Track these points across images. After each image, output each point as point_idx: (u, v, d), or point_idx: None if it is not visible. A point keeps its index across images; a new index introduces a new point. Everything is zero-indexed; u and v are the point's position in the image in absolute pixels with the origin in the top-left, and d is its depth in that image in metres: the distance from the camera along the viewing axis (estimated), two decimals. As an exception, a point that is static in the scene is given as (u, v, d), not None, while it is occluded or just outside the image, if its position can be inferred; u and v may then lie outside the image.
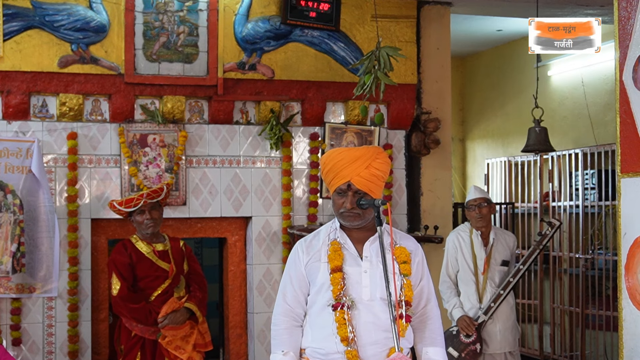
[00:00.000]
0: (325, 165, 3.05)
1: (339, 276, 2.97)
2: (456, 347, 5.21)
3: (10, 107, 5.53)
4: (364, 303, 2.96)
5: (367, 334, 2.93)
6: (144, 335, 4.97)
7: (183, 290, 5.11)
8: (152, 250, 5.07)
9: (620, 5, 3.74)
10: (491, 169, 9.11)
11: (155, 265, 5.03)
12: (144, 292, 5.00)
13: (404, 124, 6.42)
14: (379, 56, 5.28)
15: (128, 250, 5.03)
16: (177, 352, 4.94)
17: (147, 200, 5.00)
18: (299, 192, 6.17)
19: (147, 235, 5.09)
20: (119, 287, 4.93)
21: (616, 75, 3.74)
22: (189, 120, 5.95)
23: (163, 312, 4.91)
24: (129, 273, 4.97)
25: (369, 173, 2.98)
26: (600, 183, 7.39)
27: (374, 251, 3.02)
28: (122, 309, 4.95)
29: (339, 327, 2.92)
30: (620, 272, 3.69)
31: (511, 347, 5.32)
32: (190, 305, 5.02)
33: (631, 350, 3.65)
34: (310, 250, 3.07)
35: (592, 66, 7.87)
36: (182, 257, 5.17)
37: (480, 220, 5.32)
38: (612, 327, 7.10)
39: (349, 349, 2.91)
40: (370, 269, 2.99)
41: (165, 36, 5.80)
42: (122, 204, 5.03)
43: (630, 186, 3.66)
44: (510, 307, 5.33)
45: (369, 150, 3.03)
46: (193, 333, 5.04)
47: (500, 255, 5.37)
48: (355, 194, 2.98)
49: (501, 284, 5.29)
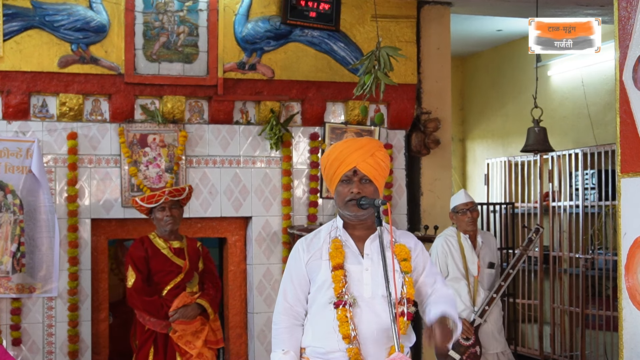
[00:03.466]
0: (329, 156, 3.05)
1: (341, 274, 2.97)
2: (457, 350, 5.22)
3: (10, 107, 5.53)
4: (366, 301, 2.95)
5: (368, 332, 2.93)
6: (156, 329, 5.03)
7: (196, 286, 5.16)
8: (168, 246, 5.15)
9: (620, 5, 3.73)
10: (491, 169, 9.11)
11: (169, 260, 5.11)
12: (158, 287, 5.07)
13: (404, 124, 6.42)
14: (379, 56, 5.28)
15: (145, 245, 5.14)
16: (187, 347, 5.00)
17: (168, 197, 5.08)
18: (299, 192, 6.17)
19: (166, 233, 5.17)
20: (133, 279, 5.03)
21: (616, 75, 3.74)
22: (189, 120, 5.95)
23: (174, 306, 4.97)
24: (144, 266, 5.07)
25: (373, 161, 3.01)
26: (600, 183, 7.39)
27: (375, 249, 3.02)
28: (135, 300, 5.03)
29: (341, 324, 2.92)
30: (620, 272, 3.69)
31: (502, 348, 5.41)
32: (202, 302, 5.07)
33: (631, 350, 3.65)
34: (311, 249, 3.06)
35: (592, 66, 7.88)
36: (198, 256, 5.25)
37: (471, 224, 5.38)
38: (612, 327, 7.10)
39: (351, 347, 2.90)
40: (372, 266, 2.99)
41: (165, 36, 5.80)
42: (144, 199, 5.11)
43: (630, 186, 3.66)
44: (499, 308, 5.42)
45: (372, 141, 3.09)
46: (204, 329, 5.08)
47: (487, 258, 5.44)
48: (361, 181, 2.99)
49: (489, 286, 5.35)
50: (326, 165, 3.07)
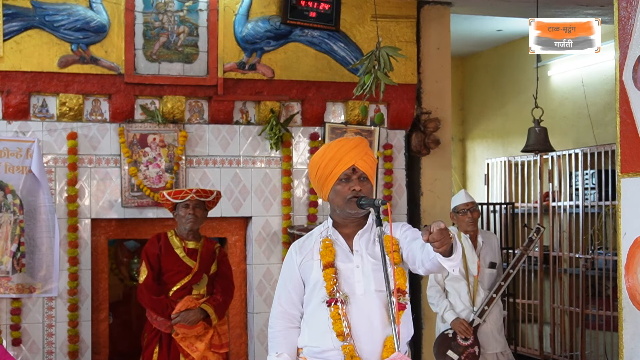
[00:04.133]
0: (323, 156, 3.06)
1: (332, 272, 2.99)
2: (455, 350, 5.22)
3: (10, 107, 5.53)
4: (358, 297, 2.97)
5: (362, 328, 2.94)
6: (160, 329, 5.02)
7: (204, 288, 5.11)
8: (182, 246, 5.13)
9: (620, 5, 3.73)
10: (491, 169, 9.10)
11: (180, 260, 5.09)
12: (166, 286, 5.06)
13: (404, 124, 6.42)
14: (379, 56, 5.28)
15: (160, 242, 5.12)
16: (189, 349, 4.99)
17: (194, 196, 5.06)
18: (299, 192, 6.17)
19: (184, 231, 5.14)
20: (145, 275, 5.03)
21: (616, 75, 3.74)
22: (189, 120, 5.95)
23: (177, 308, 4.96)
24: (157, 264, 5.07)
25: (368, 158, 3.07)
26: (600, 183, 7.39)
27: (364, 244, 3.04)
28: (144, 296, 5.02)
29: (334, 322, 2.93)
30: (620, 272, 3.69)
31: (502, 348, 5.39)
32: (206, 307, 5.03)
33: (631, 350, 3.65)
34: (303, 250, 3.10)
35: (592, 66, 7.87)
36: (212, 258, 5.19)
37: (471, 224, 5.37)
38: (612, 327, 7.10)
39: (345, 344, 2.91)
40: (362, 262, 3.01)
41: (165, 36, 5.80)
42: (170, 193, 5.09)
43: (630, 186, 3.66)
44: (499, 308, 5.41)
45: (363, 140, 3.14)
46: (207, 333, 5.05)
47: (488, 258, 5.42)
48: (360, 179, 3.02)
49: (490, 286, 5.34)
50: (320, 165, 3.06)
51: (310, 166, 3.16)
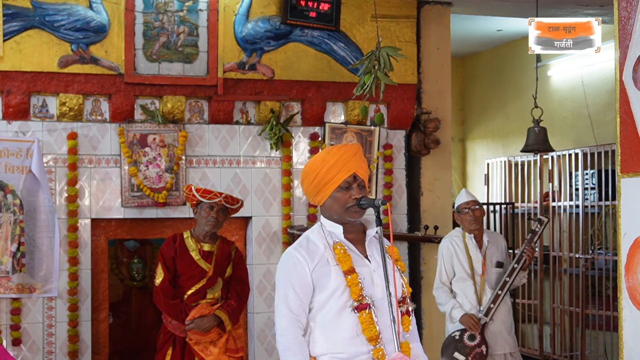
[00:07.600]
0: (325, 163, 3.02)
1: (356, 277, 2.95)
2: (462, 352, 5.19)
3: (10, 107, 5.53)
4: (379, 301, 2.95)
5: (387, 331, 2.92)
6: (175, 332, 4.97)
7: (219, 292, 5.03)
8: (198, 248, 5.03)
9: (620, 5, 3.73)
10: (491, 169, 9.11)
11: (195, 263, 4.99)
12: (181, 289, 4.98)
13: (404, 124, 6.42)
14: (379, 56, 5.28)
15: (176, 243, 5.03)
16: (203, 353, 4.92)
17: (222, 200, 5.00)
18: (299, 192, 6.17)
19: (202, 233, 5.05)
20: (161, 278, 4.95)
21: (616, 75, 3.74)
22: (189, 120, 5.95)
23: (191, 315, 4.88)
24: (173, 265, 4.99)
25: (365, 166, 3.08)
26: (600, 183, 7.40)
27: (375, 250, 3.03)
28: (160, 299, 4.95)
29: (366, 327, 2.90)
30: (620, 272, 3.69)
31: (511, 348, 5.33)
32: (220, 313, 4.94)
33: (631, 350, 3.65)
34: (314, 256, 3.01)
35: (592, 66, 7.88)
36: (228, 261, 5.11)
37: (474, 222, 5.34)
38: (612, 327, 7.11)
39: (376, 348, 2.90)
40: (377, 267, 2.99)
41: (165, 36, 5.80)
42: (199, 190, 5.01)
43: (630, 186, 3.66)
44: (507, 307, 5.34)
45: (360, 147, 3.12)
46: (222, 338, 4.97)
47: (495, 257, 5.38)
48: (359, 186, 3.01)
49: (497, 285, 5.30)
50: (320, 171, 3.03)
51: (307, 171, 3.10)
